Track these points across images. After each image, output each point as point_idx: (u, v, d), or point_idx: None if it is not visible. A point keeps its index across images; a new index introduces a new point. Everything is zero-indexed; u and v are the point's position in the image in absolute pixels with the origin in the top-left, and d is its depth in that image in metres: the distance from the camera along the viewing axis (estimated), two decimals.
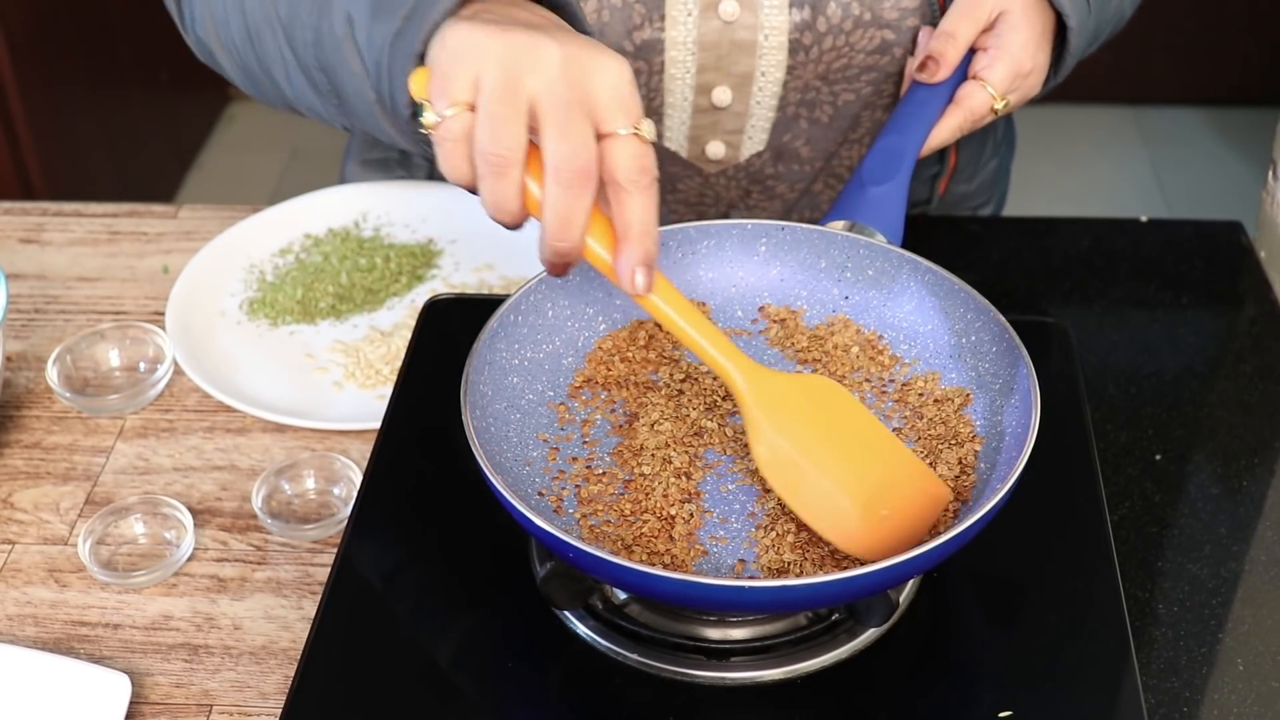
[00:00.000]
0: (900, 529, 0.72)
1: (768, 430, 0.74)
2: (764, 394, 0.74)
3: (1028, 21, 0.97)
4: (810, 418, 0.75)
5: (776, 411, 0.74)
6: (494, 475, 0.70)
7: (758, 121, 1.07)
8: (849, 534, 0.72)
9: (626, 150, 0.70)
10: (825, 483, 0.73)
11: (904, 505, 0.73)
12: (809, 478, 0.73)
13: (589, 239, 0.71)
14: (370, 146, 1.25)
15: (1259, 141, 2.70)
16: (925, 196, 1.21)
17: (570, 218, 0.69)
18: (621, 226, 0.71)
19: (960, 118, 0.97)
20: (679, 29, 1.00)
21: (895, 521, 0.73)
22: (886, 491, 0.73)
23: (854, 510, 0.72)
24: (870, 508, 0.73)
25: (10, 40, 2.18)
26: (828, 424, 0.75)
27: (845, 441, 0.75)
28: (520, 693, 0.75)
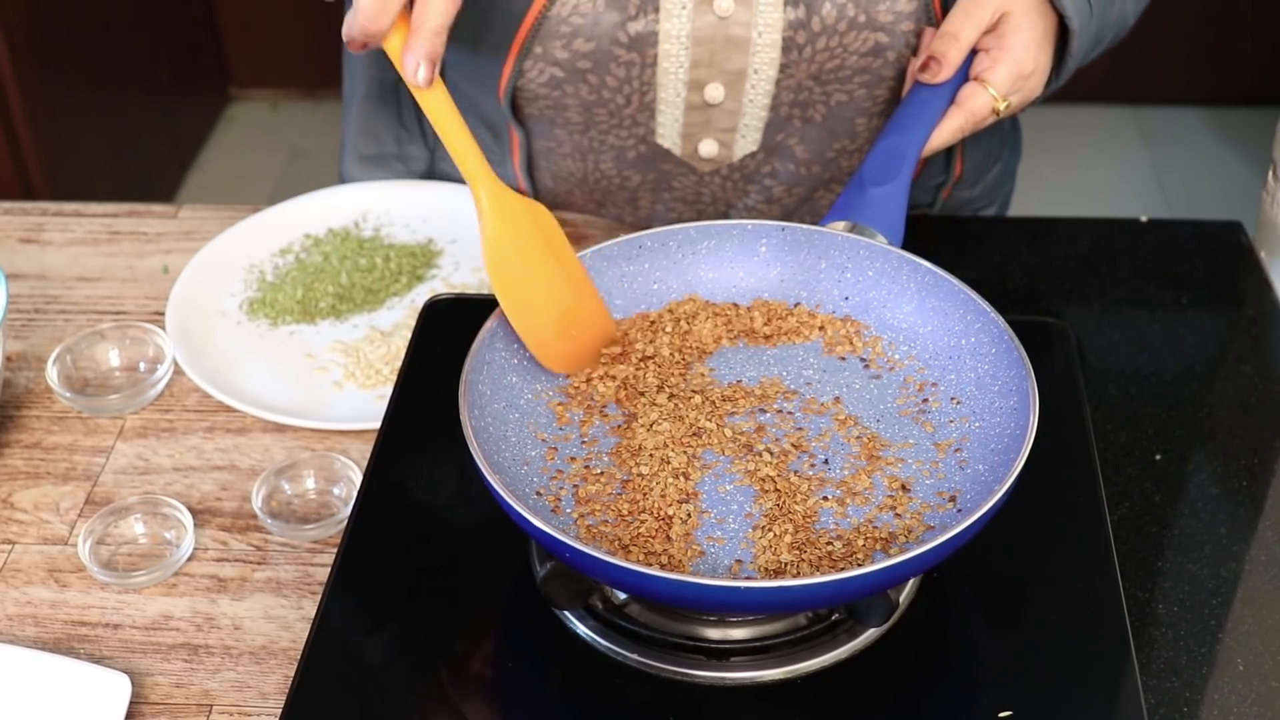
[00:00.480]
0: (582, 349, 0.83)
1: (499, 234, 0.82)
2: (501, 204, 0.82)
3: (1030, 23, 0.97)
4: (531, 236, 0.84)
5: (507, 221, 0.83)
6: (491, 475, 0.70)
7: (750, 120, 1.07)
8: (546, 346, 0.82)
9: None
10: (534, 294, 0.82)
11: (587, 330, 0.84)
12: (522, 286, 0.82)
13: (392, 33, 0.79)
14: (367, 141, 1.25)
15: (1259, 141, 2.70)
16: (929, 201, 1.21)
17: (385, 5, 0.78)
18: (416, 22, 0.79)
19: (961, 119, 0.97)
20: (673, 22, 1.01)
21: (580, 341, 0.83)
22: (576, 315, 0.83)
23: (551, 322, 0.82)
24: (562, 325, 0.83)
25: (10, 40, 2.18)
26: (543, 246, 0.84)
27: (553, 265, 0.84)
28: (520, 693, 0.75)
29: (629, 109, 1.06)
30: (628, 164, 1.12)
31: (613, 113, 1.07)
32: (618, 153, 1.11)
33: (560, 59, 1.03)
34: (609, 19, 1.00)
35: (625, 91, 1.05)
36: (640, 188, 1.14)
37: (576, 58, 1.03)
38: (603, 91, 1.05)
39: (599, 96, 1.05)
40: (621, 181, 1.14)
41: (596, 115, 1.07)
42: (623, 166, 1.12)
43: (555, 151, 1.13)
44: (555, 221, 0.85)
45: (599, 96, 1.05)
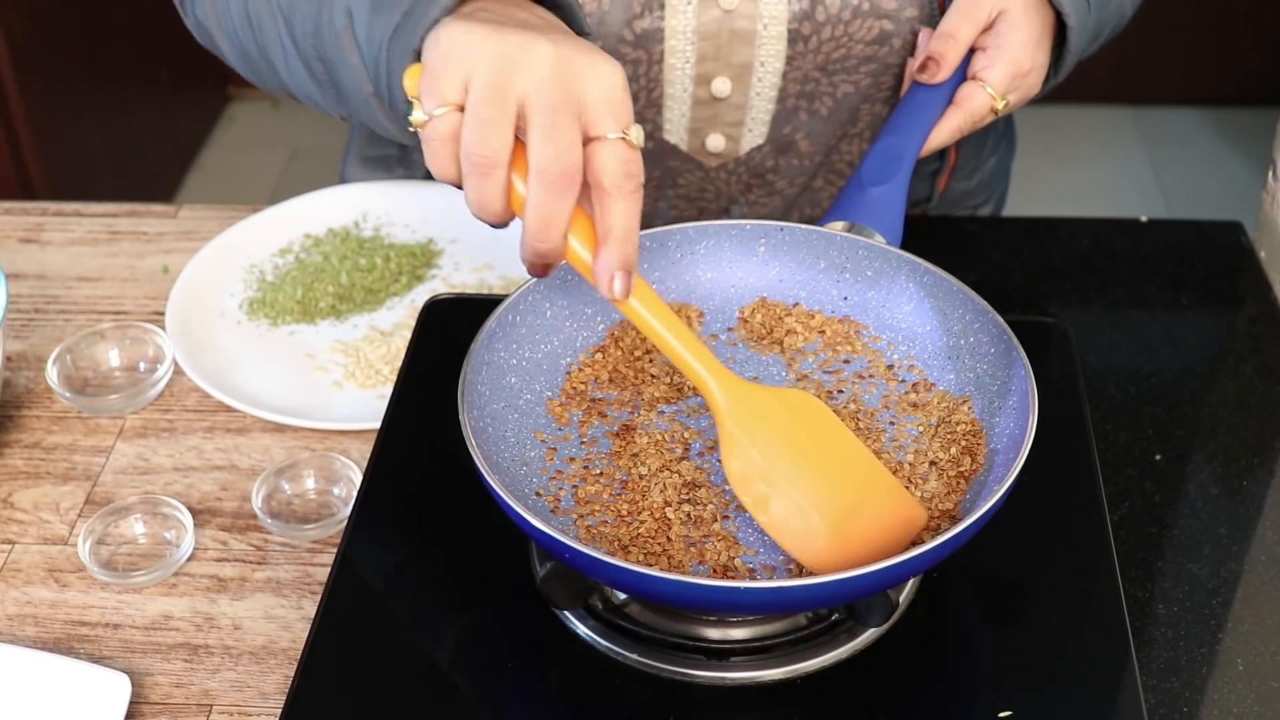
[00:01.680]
0: (869, 550, 0.71)
1: (741, 443, 0.74)
2: (739, 406, 0.74)
3: (1027, 20, 0.97)
4: (786, 432, 0.75)
5: (751, 425, 0.74)
6: (491, 476, 0.70)
7: (757, 114, 1.07)
8: (816, 552, 0.72)
9: (613, 154, 0.70)
10: (795, 499, 0.73)
11: (876, 526, 0.73)
12: (780, 493, 0.73)
13: (571, 240, 0.72)
14: (371, 143, 1.25)
15: (1259, 141, 2.70)
16: (926, 194, 1.21)
17: (551, 219, 0.70)
18: (603, 230, 0.71)
19: (960, 119, 0.97)
20: (679, 18, 1.01)
21: (865, 543, 0.72)
22: (859, 512, 0.73)
23: (822, 528, 0.72)
24: (840, 527, 0.72)
25: (10, 40, 2.18)
26: (804, 440, 0.75)
27: (821, 458, 0.74)
28: (520, 693, 0.75)
29: (636, 105, 1.06)
30: None
31: None
32: None
33: None
34: (615, 17, 1.00)
35: (632, 89, 1.05)
36: (645, 185, 1.14)
37: None
38: None
39: None
40: None
41: None
42: None
43: None
44: (821, 405, 0.76)
45: None
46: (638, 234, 0.72)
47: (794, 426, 0.75)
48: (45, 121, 2.29)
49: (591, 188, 0.71)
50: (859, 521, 0.73)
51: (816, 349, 0.85)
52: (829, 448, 0.75)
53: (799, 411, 0.75)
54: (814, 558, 0.71)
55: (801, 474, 0.74)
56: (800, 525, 0.72)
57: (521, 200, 0.71)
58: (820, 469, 0.74)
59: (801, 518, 0.72)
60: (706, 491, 0.76)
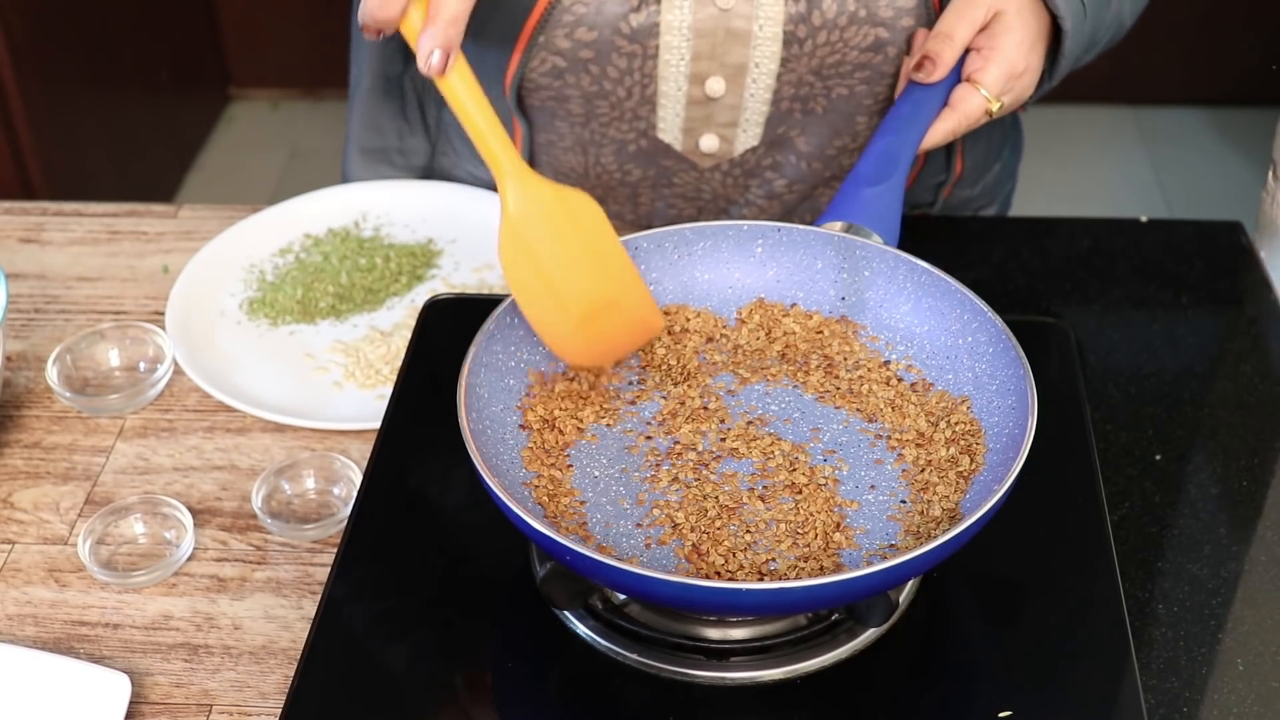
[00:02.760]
0: (613, 345, 0.82)
1: (517, 226, 0.80)
2: (525, 193, 0.80)
3: (1022, 22, 0.97)
4: (560, 228, 0.81)
5: (530, 213, 0.80)
6: (490, 478, 0.70)
7: (751, 115, 1.07)
8: (562, 338, 0.80)
9: None
10: (554, 288, 0.80)
11: (621, 325, 0.82)
12: (542, 281, 0.80)
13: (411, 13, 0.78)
14: (369, 134, 1.25)
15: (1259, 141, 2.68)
16: (929, 200, 1.21)
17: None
18: (433, 10, 0.78)
19: (954, 120, 0.97)
20: (675, 14, 1.01)
21: (609, 338, 0.82)
22: (610, 309, 0.81)
23: (573, 318, 0.80)
24: (588, 320, 0.81)
25: (10, 40, 2.18)
26: (576, 237, 0.81)
27: (586, 256, 0.81)
28: (520, 693, 0.75)
29: (630, 101, 1.06)
30: (628, 158, 1.12)
31: (614, 105, 1.07)
32: (618, 146, 1.11)
33: (562, 48, 1.03)
34: (612, 9, 1.00)
35: (626, 83, 1.05)
36: (641, 183, 1.14)
37: (579, 47, 1.03)
38: (604, 83, 1.05)
39: (600, 88, 1.06)
40: (622, 177, 1.14)
41: (598, 107, 1.08)
42: (623, 161, 1.12)
43: (556, 145, 1.13)
44: (598, 211, 0.82)
45: (600, 88, 1.06)
46: (463, 21, 0.78)
47: (567, 223, 0.81)
48: (45, 121, 2.29)
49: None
50: (607, 318, 0.81)
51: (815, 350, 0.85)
52: (596, 248, 0.82)
53: (576, 209, 0.82)
54: (559, 343, 0.80)
55: (565, 266, 0.81)
56: (553, 313, 0.80)
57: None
58: (582, 264, 0.81)
59: (556, 306, 0.80)
60: (711, 487, 0.76)
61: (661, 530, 0.74)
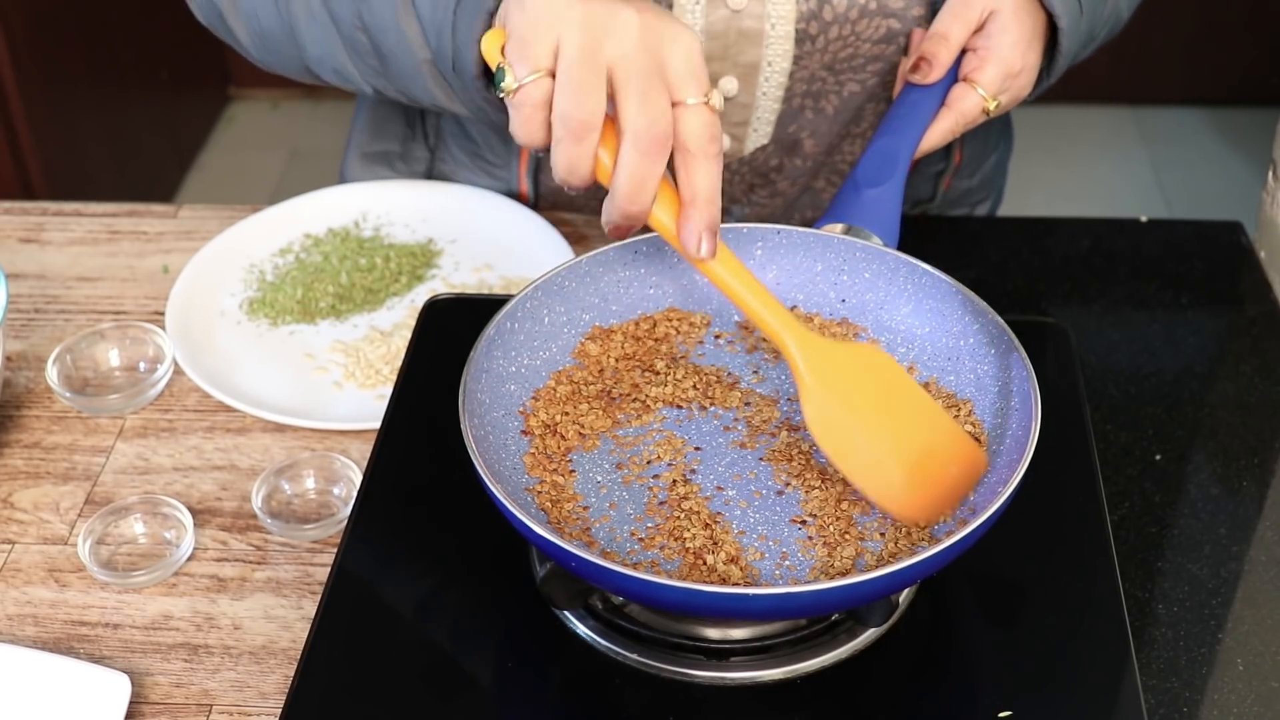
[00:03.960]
0: (942, 493, 0.75)
1: (819, 394, 0.75)
2: (817, 359, 0.76)
3: (1018, 21, 0.97)
4: (860, 385, 0.77)
5: (828, 377, 0.76)
6: (493, 483, 0.70)
7: (763, 114, 1.07)
8: (894, 497, 0.74)
9: (698, 119, 0.72)
10: (873, 447, 0.75)
11: (947, 470, 0.75)
12: (858, 442, 0.75)
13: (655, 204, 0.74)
14: (373, 139, 1.25)
15: (1259, 141, 2.70)
16: (929, 194, 1.21)
17: (644, 183, 0.72)
18: (688, 193, 0.73)
19: (952, 120, 0.97)
20: (686, 17, 1.01)
21: (938, 486, 0.75)
22: (930, 457, 0.75)
23: (900, 474, 0.74)
24: (915, 472, 0.74)
25: (10, 40, 2.18)
26: (876, 391, 0.77)
27: (892, 408, 0.77)
28: (520, 693, 0.75)
29: None
30: None
31: None
32: None
33: None
34: None
35: None
36: None
37: None
38: None
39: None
40: None
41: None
42: None
43: None
44: (889, 358, 0.78)
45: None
46: (719, 196, 0.74)
47: (865, 378, 0.77)
48: (45, 121, 2.29)
49: (676, 152, 0.73)
50: (931, 467, 0.75)
51: None
52: (899, 397, 0.77)
53: (869, 363, 0.78)
54: (893, 504, 0.74)
55: (876, 423, 0.76)
56: (879, 473, 0.74)
57: (605, 167, 0.73)
58: (893, 417, 0.76)
59: (879, 465, 0.74)
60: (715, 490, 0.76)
61: (665, 535, 0.74)
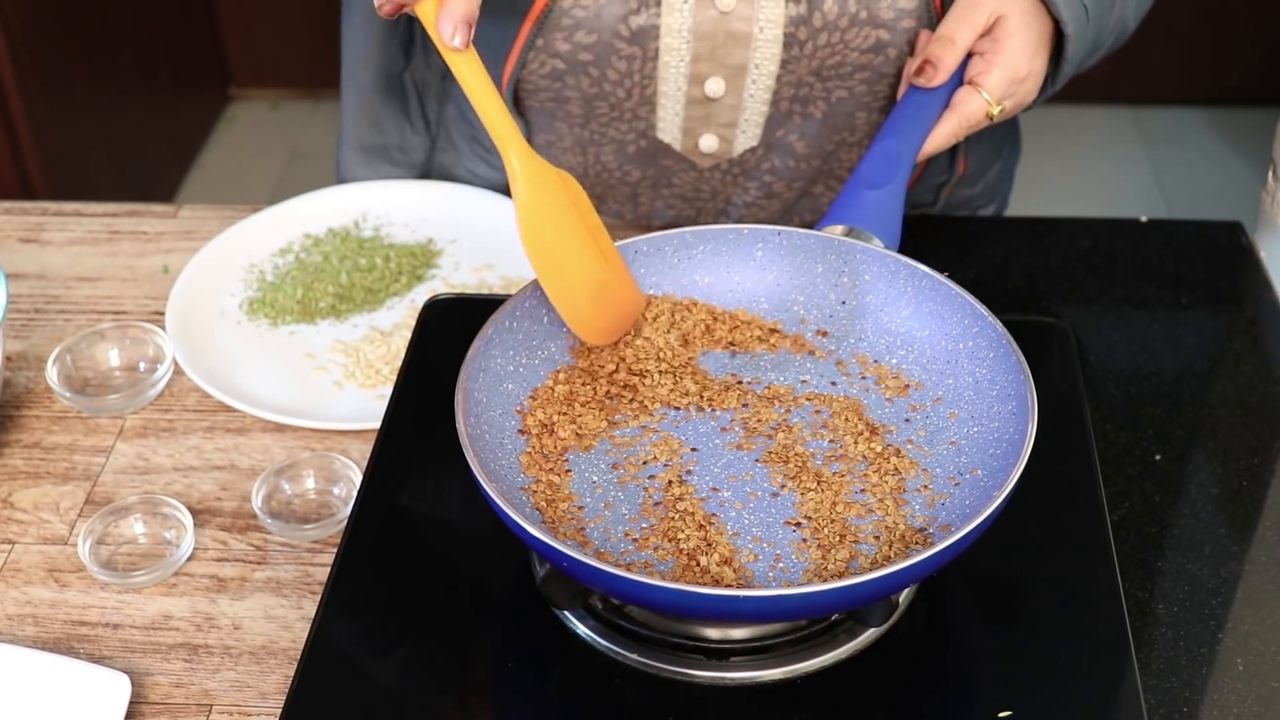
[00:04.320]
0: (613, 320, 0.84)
1: (532, 203, 0.81)
2: (534, 172, 0.81)
3: (1025, 27, 0.97)
4: (564, 208, 0.83)
5: (541, 191, 0.82)
6: (488, 484, 0.70)
7: (751, 115, 1.07)
8: (578, 315, 0.82)
9: None
10: (568, 262, 0.82)
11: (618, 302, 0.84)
12: (556, 254, 0.82)
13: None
14: (369, 132, 1.25)
15: (1259, 141, 2.69)
16: (930, 200, 1.21)
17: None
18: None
19: (955, 123, 0.97)
20: (675, 16, 1.01)
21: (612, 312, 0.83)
22: (607, 286, 0.83)
23: (585, 291, 0.82)
24: (597, 294, 0.82)
25: (10, 40, 2.18)
26: (575, 215, 0.83)
27: (586, 235, 0.83)
28: (520, 693, 0.75)
29: (629, 102, 1.06)
30: (628, 159, 1.12)
31: (613, 106, 1.07)
32: (618, 147, 1.11)
33: (561, 51, 1.03)
34: (611, 12, 1.00)
35: (626, 85, 1.05)
36: (640, 183, 1.14)
37: (578, 50, 1.03)
38: (603, 84, 1.05)
39: (600, 89, 1.06)
40: (622, 176, 1.14)
41: (597, 108, 1.08)
42: (623, 161, 1.12)
43: (556, 145, 1.13)
44: (583, 192, 0.85)
45: (600, 89, 1.06)
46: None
47: (569, 203, 0.83)
48: (45, 121, 2.29)
49: None
50: (607, 293, 0.83)
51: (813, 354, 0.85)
52: (591, 227, 0.84)
53: (573, 191, 0.84)
54: (579, 321, 0.82)
55: (574, 243, 0.82)
56: (569, 286, 0.81)
57: None
58: (585, 243, 0.83)
59: (570, 280, 0.82)
60: (710, 491, 0.76)
61: (659, 536, 0.74)
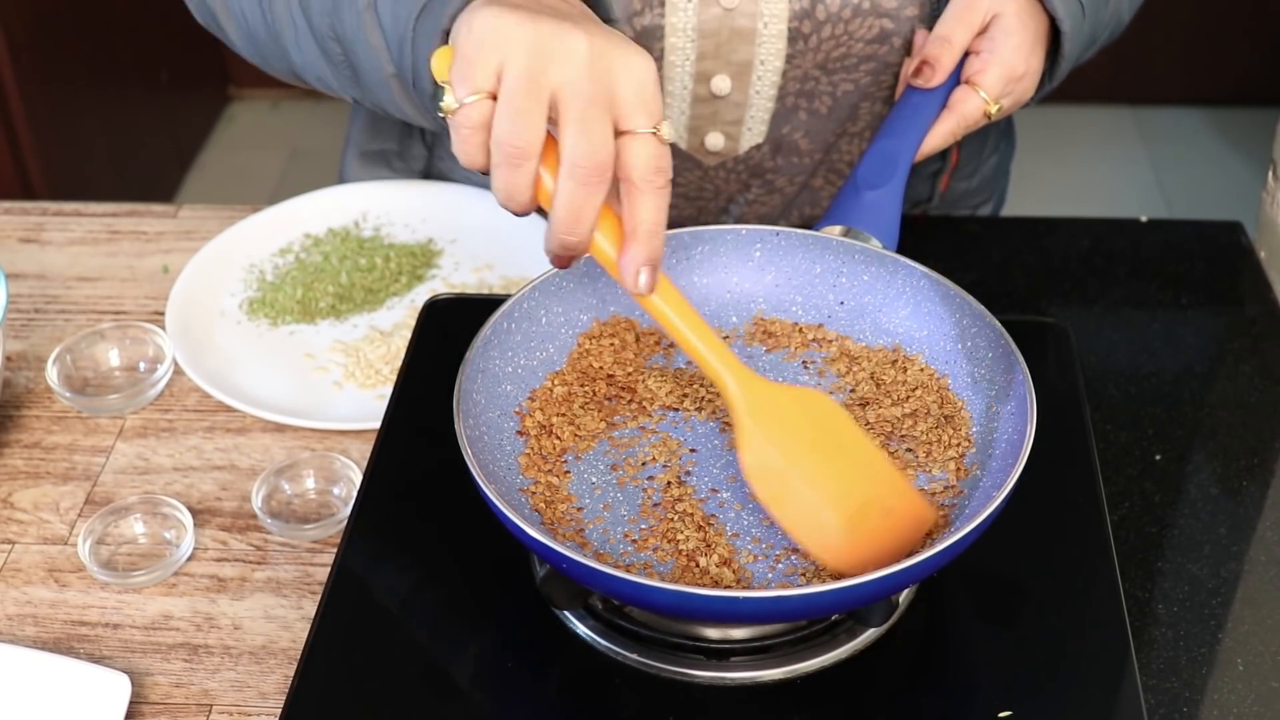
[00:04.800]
0: (882, 547, 0.72)
1: (757, 438, 0.74)
2: (756, 402, 0.74)
3: (1021, 25, 0.97)
4: (801, 430, 0.75)
5: (768, 421, 0.74)
6: (487, 485, 0.70)
7: (757, 112, 1.07)
8: (830, 548, 0.72)
9: (644, 149, 0.70)
10: (810, 495, 0.73)
11: (888, 524, 0.73)
12: (795, 489, 0.73)
13: (596, 234, 0.72)
14: (370, 138, 1.25)
15: (1259, 141, 2.70)
16: (926, 194, 1.21)
17: (581, 212, 0.70)
18: (630, 225, 0.71)
19: (953, 123, 0.97)
20: (679, 15, 1.01)
21: (878, 541, 0.72)
22: (871, 509, 0.73)
23: (837, 525, 0.72)
24: (854, 524, 0.72)
25: (10, 40, 2.18)
26: (818, 437, 0.75)
27: (834, 456, 0.75)
28: (520, 693, 0.75)
29: None
30: None
31: None
32: None
33: None
34: (615, 12, 1.00)
35: None
36: None
37: None
38: None
39: None
40: None
41: None
42: None
43: None
44: (835, 405, 0.76)
45: None
46: (664, 229, 0.71)
47: (807, 424, 0.75)
48: (45, 121, 2.29)
49: (620, 182, 0.71)
50: (871, 519, 0.72)
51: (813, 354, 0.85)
52: (842, 446, 0.75)
53: (813, 409, 0.76)
54: (828, 555, 0.72)
55: (815, 471, 0.74)
56: (814, 521, 0.72)
57: (548, 193, 0.71)
58: (833, 466, 0.74)
59: (815, 515, 0.72)
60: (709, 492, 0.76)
61: (659, 537, 0.74)
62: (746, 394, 0.74)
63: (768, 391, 0.75)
